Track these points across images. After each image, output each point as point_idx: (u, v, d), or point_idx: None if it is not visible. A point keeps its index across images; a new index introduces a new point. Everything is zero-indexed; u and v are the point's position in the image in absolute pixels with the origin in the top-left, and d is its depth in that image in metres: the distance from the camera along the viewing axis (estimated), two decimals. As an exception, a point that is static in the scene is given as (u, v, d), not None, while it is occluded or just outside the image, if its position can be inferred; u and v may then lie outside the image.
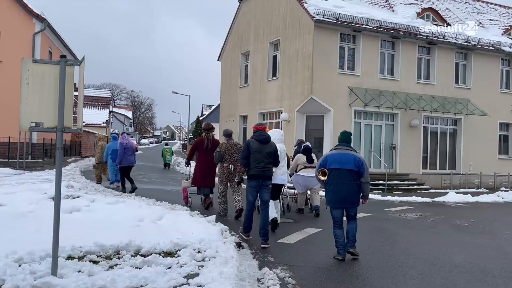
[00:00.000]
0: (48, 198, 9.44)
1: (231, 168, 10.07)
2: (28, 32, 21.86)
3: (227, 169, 10.17)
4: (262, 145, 7.85)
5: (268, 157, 7.82)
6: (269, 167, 7.86)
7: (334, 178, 6.91)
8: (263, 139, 7.93)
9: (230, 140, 10.49)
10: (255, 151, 7.76)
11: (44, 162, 22.22)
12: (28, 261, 5.17)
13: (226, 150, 10.19)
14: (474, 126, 23.03)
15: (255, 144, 7.84)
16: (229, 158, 10.14)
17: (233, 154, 10.13)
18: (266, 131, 8.25)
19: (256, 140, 7.89)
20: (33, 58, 4.79)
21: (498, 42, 23.78)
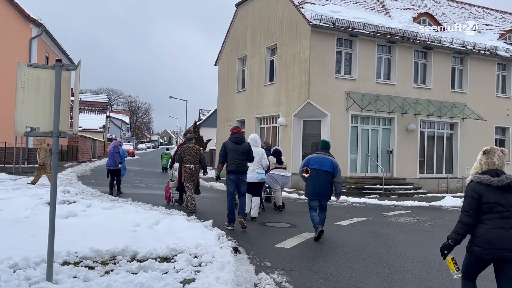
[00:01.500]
0: (44, 204, 9.39)
1: (192, 167, 11.38)
2: (24, 37, 21.85)
3: (188, 169, 11.40)
4: (236, 145, 9.27)
5: (242, 155, 9.26)
6: (243, 164, 9.30)
7: (313, 176, 8.58)
8: (237, 140, 9.34)
9: (189, 143, 11.69)
10: (231, 151, 9.22)
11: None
12: (23, 267, 5.13)
13: (185, 152, 11.43)
14: (470, 130, 23.10)
15: (230, 144, 9.28)
16: (189, 159, 11.40)
17: (191, 156, 11.42)
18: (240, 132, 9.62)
19: (232, 141, 9.32)
20: (29, 63, 4.77)
21: (494, 46, 23.89)
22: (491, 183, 4.11)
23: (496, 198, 4.09)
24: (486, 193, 4.11)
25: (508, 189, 4.12)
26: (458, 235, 4.27)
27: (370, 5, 23.77)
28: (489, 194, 4.11)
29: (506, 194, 4.11)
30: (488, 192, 4.11)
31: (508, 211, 4.08)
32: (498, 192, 4.10)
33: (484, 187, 4.14)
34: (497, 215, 4.09)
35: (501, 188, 4.10)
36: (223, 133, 27.42)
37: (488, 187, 4.13)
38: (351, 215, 12.31)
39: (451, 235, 4.33)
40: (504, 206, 4.09)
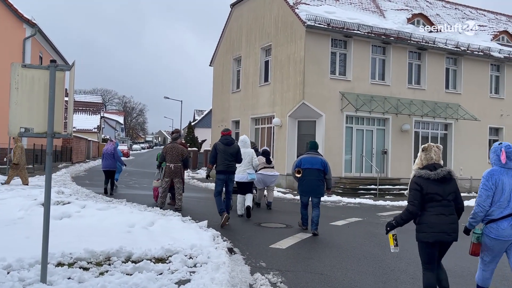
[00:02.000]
0: (38, 204, 9.34)
1: (172, 167, 11.42)
2: (18, 37, 21.75)
3: (168, 168, 11.46)
4: (226, 147, 9.78)
5: (231, 156, 9.77)
6: (232, 164, 9.85)
7: (306, 175, 9.27)
8: (227, 142, 9.85)
9: (173, 143, 11.85)
10: (221, 152, 9.72)
11: (34, 168, 22.02)
12: (17, 268, 5.10)
13: (167, 152, 11.54)
14: (464, 130, 23.22)
15: (221, 146, 9.78)
16: (170, 158, 11.48)
17: (173, 155, 11.48)
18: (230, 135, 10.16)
19: (222, 143, 9.82)
20: (23, 63, 4.74)
21: (487, 47, 24.03)
22: (429, 176, 4.72)
23: (434, 189, 4.69)
24: (426, 185, 4.70)
25: (444, 181, 4.73)
26: (402, 220, 4.86)
27: (364, 6, 23.84)
28: (429, 186, 4.69)
29: (443, 185, 4.72)
30: (428, 184, 4.70)
31: (446, 199, 4.70)
32: (436, 184, 4.70)
33: (424, 180, 4.73)
34: (437, 204, 4.68)
35: (438, 180, 4.71)
36: (218, 134, 27.26)
37: (427, 180, 4.72)
38: (346, 215, 12.33)
39: (396, 218, 4.91)
40: (442, 196, 4.69)
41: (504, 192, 4.66)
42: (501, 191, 4.67)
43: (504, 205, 4.65)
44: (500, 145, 4.84)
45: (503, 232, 4.61)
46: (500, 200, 4.66)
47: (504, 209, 4.65)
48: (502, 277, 6.51)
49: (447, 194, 4.71)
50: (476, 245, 4.81)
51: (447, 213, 4.68)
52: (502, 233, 4.62)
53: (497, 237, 4.64)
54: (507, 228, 4.60)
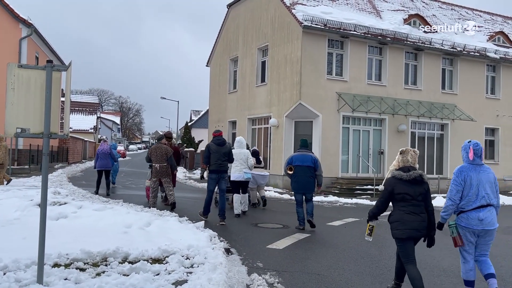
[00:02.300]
0: (34, 205, 9.31)
1: (157, 167, 11.56)
2: (14, 37, 21.68)
3: (154, 168, 11.65)
4: (219, 147, 10.10)
5: (224, 156, 10.10)
6: (225, 164, 10.19)
7: (297, 172, 9.67)
8: (219, 142, 10.19)
9: (158, 143, 12.08)
10: (214, 152, 10.03)
11: (31, 168, 21.97)
12: (13, 269, 5.08)
13: (152, 152, 11.73)
14: (460, 131, 23.28)
15: (213, 146, 10.11)
16: (155, 159, 11.64)
17: (158, 156, 11.63)
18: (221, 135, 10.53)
19: (215, 143, 10.17)
20: (19, 63, 4.73)
21: (483, 48, 24.12)
22: (402, 177, 5.18)
23: (405, 189, 5.14)
24: (398, 186, 5.17)
25: (415, 182, 5.16)
26: (373, 213, 5.48)
27: (361, 6, 23.89)
28: (400, 186, 5.16)
29: (414, 186, 5.15)
30: (400, 184, 5.17)
31: (415, 199, 5.13)
32: (408, 185, 5.14)
33: (397, 180, 5.21)
34: (407, 203, 5.12)
35: (410, 181, 5.15)
36: (214, 134, 27.36)
37: (400, 180, 5.19)
38: (343, 215, 12.35)
39: (369, 212, 5.55)
40: (412, 196, 5.12)
41: (472, 187, 5.13)
42: (469, 186, 5.14)
43: (473, 199, 5.13)
44: (469, 143, 5.32)
45: (472, 222, 5.11)
46: (469, 194, 5.14)
47: (473, 202, 5.12)
48: (498, 277, 6.53)
49: (417, 194, 5.14)
50: (455, 238, 5.24)
51: (418, 212, 5.12)
52: (471, 222, 5.12)
53: (467, 226, 5.15)
54: (476, 218, 5.09)
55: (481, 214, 5.09)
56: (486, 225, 5.10)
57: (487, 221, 5.10)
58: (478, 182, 5.14)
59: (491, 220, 5.12)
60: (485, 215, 5.10)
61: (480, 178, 5.18)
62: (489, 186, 5.20)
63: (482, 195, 5.13)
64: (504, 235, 10.44)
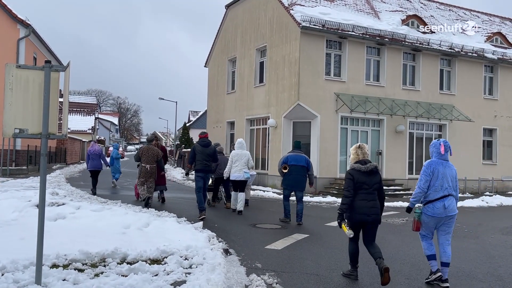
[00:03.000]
0: (32, 206, 9.30)
1: (147, 167, 11.92)
2: (12, 38, 21.65)
3: (144, 168, 11.96)
4: (204, 148, 10.79)
5: (208, 156, 10.78)
6: (209, 164, 10.87)
7: (292, 171, 10.50)
8: (204, 144, 10.89)
9: (148, 145, 12.37)
10: (199, 153, 10.71)
11: (29, 169, 21.93)
12: (12, 270, 5.07)
13: (143, 153, 12.03)
14: (458, 131, 23.33)
15: (198, 147, 10.80)
16: (145, 159, 11.97)
17: (148, 156, 11.98)
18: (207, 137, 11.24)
19: (200, 145, 10.86)
20: (17, 64, 4.72)
21: (481, 49, 24.17)
22: (360, 169, 5.97)
23: (363, 179, 5.94)
24: (357, 176, 5.94)
25: (371, 173, 5.99)
26: (343, 205, 5.96)
27: (359, 7, 23.91)
28: (359, 177, 5.94)
29: (370, 176, 5.97)
30: (358, 175, 5.95)
31: (371, 188, 5.94)
32: (365, 175, 5.95)
33: (356, 171, 5.97)
34: (364, 191, 5.92)
35: (367, 173, 5.97)
36: (213, 135, 27.36)
37: (359, 171, 5.96)
38: (341, 216, 12.33)
39: (339, 208, 6.04)
40: (368, 185, 5.94)
41: (438, 179, 5.92)
42: (436, 177, 5.93)
43: (438, 189, 5.90)
44: (439, 141, 6.20)
45: (437, 210, 5.87)
46: (435, 185, 5.91)
47: (438, 192, 5.90)
48: (496, 277, 6.54)
49: (373, 184, 5.96)
50: (417, 222, 6.00)
51: (369, 199, 5.91)
52: (436, 211, 5.88)
53: (432, 215, 5.90)
54: (440, 207, 5.86)
55: (445, 203, 5.88)
56: (449, 211, 5.92)
57: (450, 208, 5.91)
58: (443, 176, 5.95)
59: (453, 207, 5.96)
60: (448, 203, 5.89)
61: (445, 172, 5.98)
62: (451, 179, 6.02)
63: (445, 187, 5.93)
64: (503, 236, 10.45)
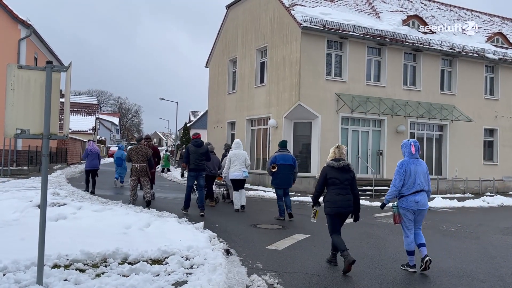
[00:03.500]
0: (33, 206, 9.31)
1: (137, 167, 12.30)
2: (13, 38, 21.65)
3: (134, 168, 12.37)
4: (197, 148, 11.47)
5: (201, 156, 11.46)
6: (202, 163, 11.54)
7: (280, 170, 11.06)
8: (197, 144, 11.58)
9: (137, 145, 12.86)
10: (192, 152, 11.39)
11: (29, 169, 21.94)
12: (13, 270, 5.08)
13: (133, 153, 12.42)
14: (459, 131, 23.32)
15: (192, 148, 11.48)
16: (135, 159, 12.37)
17: (138, 156, 12.37)
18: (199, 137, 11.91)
19: (193, 145, 11.56)
20: (19, 64, 4.72)
21: (482, 49, 24.15)
22: (333, 165, 6.68)
23: (335, 175, 6.62)
24: (330, 172, 6.66)
25: (343, 170, 6.66)
26: (314, 196, 6.92)
27: (360, 7, 23.91)
28: (332, 172, 6.65)
29: (342, 173, 6.64)
30: (332, 171, 6.66)
31: (342, 183, 6.60)
32: (338, 172, 6.64)
33: (329, 168, 6.71)
34: (336, 186, 6.59)
35: (339, 169, 6.66)
36: (214, 135, 27.39)
37: (332, 168, 6.68)
38: (342, 216, 12.33)
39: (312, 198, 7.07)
40: (340, 180, 6.61)
41: (411, 177, 6.49)
42: (409, 175, 6.49)
43: (411, 186, 6.48)
44: (409, 141, 6.70)
45: (410, 203, 6.49)
46: (408, 182, 6.50)
47: (411, 188, 6.48)
48: (497, 277, 6.54)
49: (344, 180, 6.61)
50: (396, 216, 6.60)
51: (344, 193, 6.57)
52: (409, 204, 6.49)
53: (406, 207, 6.52)
54: (412, 201, 6.47)
55: (416, 198, 6.46)
56: (421, 206, 6.50)
57: (421, 203, 6.49)
58: (415, 173, 6.50)
59: (424, 202, 6.52)
60: (419, 198, 6.47)
61: (416, 169, 6.51)
62: (423, 176, 6.55)
63: (418, 183, 6.48)
64: (504, 236, 10.45)
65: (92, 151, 15.52)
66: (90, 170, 15.42)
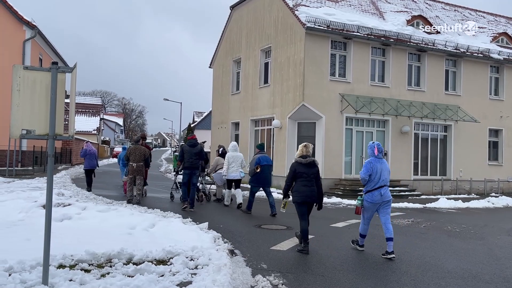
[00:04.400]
0: (38, 206, 9.34)
1: (134, 165, 13.04)
2: (18, 39, 21.75)
3: (131, 166, 13.11)
4: (191, 148, 12.31)
5: (195, 155, 12.30)
6: (196, 162, 12.36)
7: (263, 170, 11.97)
8: (192, 144, 12.44)
9: (135, 145, 13.57)
10: (187, 152, 12.26)
11: (34, 169, 22.02)
12: (19, 270, 5.09)
13: (131, 153, 13.15)
14: (464, 132, 23.23)
15: (186, 147, 12.38)
16: (133, 158, 13.11)
17: (136, 156, 13.11)
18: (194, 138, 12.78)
19: (188, 145, 12.44)
20: (24, 65, 4.74)
21: (487, 49, 24.07)
22: (301, 162, 7.82)
23: (303, 170, 7.76)
24: (298, 167, 7.79)
25: (309, 165, 7.80)
26: (285, 189, 8.06)
27: (364, 7, 23.87)
28: (300, 168, 7.78)
29: (309, 168, 7.78)
30: (299, 167, 7.79)
31: (309, 176, 7.73)
32: (305, 167, 7.78)
33: (298, 164, 7.83)
34: (303, 179, 7.72)
35: (306, 165, 7.80)
36: (218, 136, 27.41)
37: (300, 164, 7.82)
38: (346, 217, 12.33)
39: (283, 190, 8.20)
40: (307, 174, 7.74)
41: (377, 174, 7.54)
42: (375, 173, 7.55)
43: (376, 181, 7.53)
44: (373, 143, 7.77)
45: (375, 198, 7.54)
46: (375, 178, 7.55)
47: (376, 184, 7.53)
48: (503, 279, 6.51)
49: (310, 173, 7.74)
50: (358, 208, 7.80)
51: (309, 185, 7.70)
52: (374, 198, 7.54)
53: (371, 201, 7.56)
54: (378, 195, 7.51)
55: (382, 191, 7.53)
56: (385, 198, 7.58)
57: (385, 195, 7.58)
58: (380, 171, 7.57)
59: (387, 194, 7.61)
60: (384, 191, 7.56)
61: (382, 167, 7.60)
62: (386, 173, 7.65)
63: (382, 179, 7.56)
64: (509, 237, 10.40)
65: (91, 152, 16.15)
66: (89, 169, 16.06)
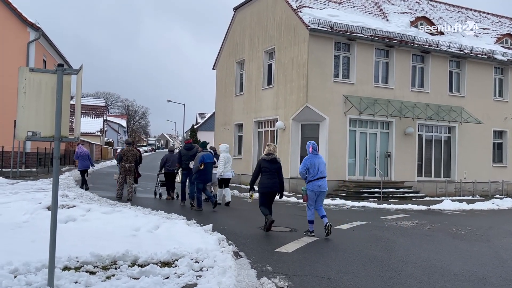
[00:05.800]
0: (42, 208, 9.34)
1: (127, 166, 14.28)
2: (22, 41, 21.82)
3: (124, 167, 14.30)
4: (187, 151, 13.68)
5: (192, 157, 13.37)
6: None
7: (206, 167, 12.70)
8: (187, 147, 13.83)
9: (128, 147, 14.77)
10: (184, 155, 13.64)
11: (38, 171, 22.07)
12: (24, 272, 5.09)
13: (124, 154, 14.40)
14: (468, 133, 23.16)
15: (183, 151, 13.81)
16: (126, 159, 14.33)
17: (129, 157, 14.37)
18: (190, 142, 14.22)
19: (184, 148, 13.91)
20: (30, 67, 4.74)
21: (491, 50, 24.00)
22: (266, 158, 9.48)
23: (267, 165, 9.42)
24: (263, 163, 9.46)
25: (272, 162, 9.46)
26: (251, 181, 9.78)
27: (367, 9, 23.85)
28: (264, 163, 9.45)
29: (271, 164, 9.45)
30: (264, 163, 9.46)
31: (271, 171, 9.41)
32: (268, 163, 9.44)
33: (263, 160, 9.51)
34: (267, 173, 9.41)
35: (269, 161, 9.45)
36: (221, 137, 27.40)
37: (264, 160, 9.48)
38: (351, 219, 12.29)
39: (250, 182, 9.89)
40: (270, 169, 9.41)
41: (314, 167, 8.97)
42: (313, 166, 8.98)
43: (315, 174, 8.98)
44: (310, 143, 9.15)
45: (315, 187, 9.00)
46: (313, 171, 8.98)
47: (315, 176, 8.98)
48: (506, 280, 6.47)
49: (273, 168, 9.42)
50: (305, 196, 9.15)
51: (271, 178, 9.39)
52: (314, 188, 9.00)
53: (312, 190, 9.01)
54: (316, 185, 8.98)
55: (319, 182, 8.97)
56: (322, 188, 9.04)
57: (323, 186, 9.03)
58: (318, 164, 8.99)
59: (324, 185, 9.05)
60: (321, 183, 8.99)
61: (319, 161, 9.04)
62: (323, 166, 9.08)
63: (320, 171, 8.99)
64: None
65: (83, 154, 16.99)
66: (82, 170, 17.01)
